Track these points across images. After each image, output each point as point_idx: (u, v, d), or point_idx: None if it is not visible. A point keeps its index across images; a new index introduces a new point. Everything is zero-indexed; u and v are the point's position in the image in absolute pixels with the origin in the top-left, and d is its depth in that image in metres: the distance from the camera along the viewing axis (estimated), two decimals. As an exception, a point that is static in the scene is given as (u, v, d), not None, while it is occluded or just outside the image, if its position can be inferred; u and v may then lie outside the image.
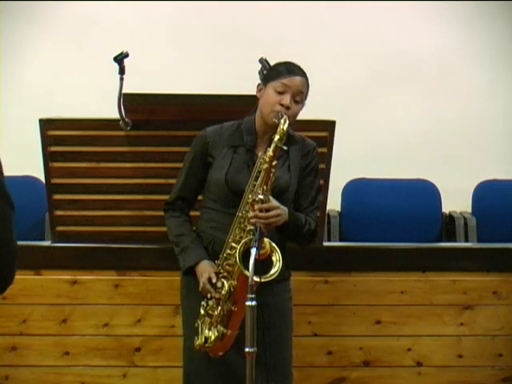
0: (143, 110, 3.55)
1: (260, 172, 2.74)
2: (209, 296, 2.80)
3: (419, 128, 5.07)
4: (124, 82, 3.45)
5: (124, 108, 3.49)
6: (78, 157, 3.63)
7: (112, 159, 3.63)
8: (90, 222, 3.67)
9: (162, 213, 3.05)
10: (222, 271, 2.79)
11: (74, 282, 3.63)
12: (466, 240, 4.60)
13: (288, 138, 2.92)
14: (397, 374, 3.67)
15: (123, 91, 3.44)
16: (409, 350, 3.67)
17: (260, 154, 2.78)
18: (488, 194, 4.76)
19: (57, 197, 3.66)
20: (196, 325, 2.82)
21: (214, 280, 2.78)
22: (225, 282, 2.76)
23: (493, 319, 3.66)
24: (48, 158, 3.62)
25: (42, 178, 3.74)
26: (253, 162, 2.84)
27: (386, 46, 5.08)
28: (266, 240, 2.71)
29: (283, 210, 2.80)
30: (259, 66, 3.11)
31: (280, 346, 2.93)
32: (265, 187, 2.73)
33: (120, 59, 3.43)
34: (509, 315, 3.66)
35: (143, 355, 3.64)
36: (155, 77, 4.76)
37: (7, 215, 1.93)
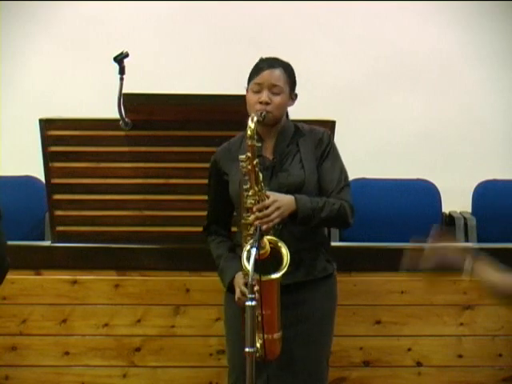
0: (143, 110, 3.55)
1: (245, 175, 2.74)
2: None
3: (419, 128, 5.07)
4: (124, 81, 3.46)
5: (124, 108, 3.49)
6: (78, 157, 3.63)
7: (112, 159, 3.63)
8: (89, 222, 3.67)
9: (162, 213, 3.08)
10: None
11: (74, 282, 3.63)
12: (466, 240, 4.59)
13: (297, 132, 2.96)
14: (397, 374, 3.67)
15: (123, 91, 3.45)
16: (409, 349, 3.67)
17: (239, 157, 2.76)
18: (488, 194, 4.75)
19: (57, 197, 3.66)
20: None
21: (242, 289, 2.79)
22: None
23: (493, 319, 3.66)
24: (48, 158, 3.62)
25: (42, 178, 3.74)
26: (264, 166, 2.84)
27: (386, 45, 5.07)
28: (266, 240, 2.71)
29: (285, 200, 2.77)
30: (252, 67, 3.11)
31: (316, 346, 2.93)
32: (256, 188, 2.73)
33: (120, 59, 3.44)
34: (509, 315, 3.66)
35: (143, 355, 3.64)
36: (155, 77, 4.77)
37: None
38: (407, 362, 3.67)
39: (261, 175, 2.74)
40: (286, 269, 2.69)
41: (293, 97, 2.95)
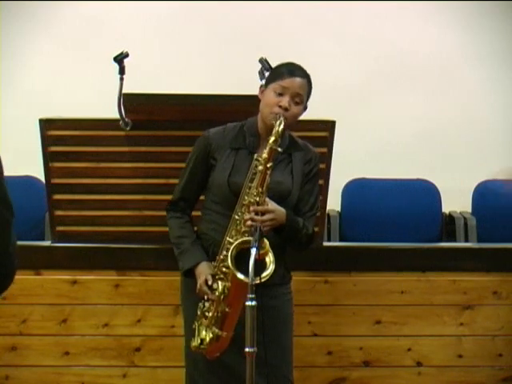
0: (143, 110, 3.55)
1: (255, 174, 2.75)
2: (206, 298, 2.80)
3: (419, 128, 5.07)
4: (124, 81, 3.45)
5: (124, 108, 3.49)
6: (78, 157, 3.63)
7: (112, 159, 3.63)
8: (89, 222, 3.67)
9: (162, 213, 3.05)
10: (218, 273, 2.80)
11: (74, 282, 3.63)
12: (466, 240, 4.59)
13: (292, 144, 2.96)
14: (397, 374, 3.67)
15: (123, 91, 3.45)
16: (409, 349, 3.67)
17: (255, 155, 2.78)
18: (488, 194, 4.76)
19: (57, 197, 3.66)
20: (193, 326, 2.83)
21: (209, 282, 2.79)
22: (219, 284, 2.76)
23: (493, 319, 3.66)
24: (48, 158, 3.62)
25: (42, 178, 3.74)
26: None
27: (386, 45, 5.08)
28: (266, 240, 2.71)
29: (279, 213, 2.79)
30: (259, 66, 3.11)
31: (279, 350, 2.93)
32: (260, 189, 2.73)
33: (120, 59, 3.44)
34: (509, 315, 3.66)
35: (143, 355, 3.64)
36: (155, 77, 4.77)
37: (6, 220, 1.91)
38: (407, 362, 3.67)
39: (268, 179, 2.74)
40: (267, 273, 2.67)
41: (304, 108, 2.94)
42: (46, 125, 3.60)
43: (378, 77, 5.08)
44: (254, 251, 2.53)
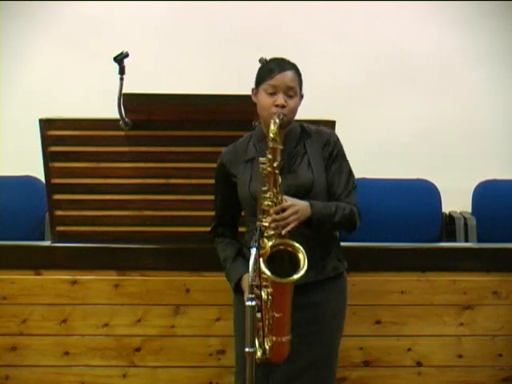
0: (143, 110, 3.55)
1: (265, 177, 2.73)
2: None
3: (419, 128, 5.06)
4: (124, 81, 3.46)
5: (124, 108, 3.49)
6: (78, 157, 3.63)
7: (112, 159, 3.63)
8: (89, 222, 3.67)
9: (162, 213, 3.08)
10: (261, 282, 2.78)
11: (74, 282, 3.63)
12: (466, 240, 4.59)
13: (304, 133, 2.96)
14: (397, 374, 3.67)
15: (123, 91, 3.45)
16: (409, 349, 3.67)
17: (260, 159, 2.76)
18: (488, 194, 4.75)
19: (57, 197, 3.66)
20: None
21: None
22: (262, 292, 2.74)
23: (493, 319, 3.67)
24: (48, 158, 3.62)
25: (42, 178, 3.74)
26: None
27: (386, 46, 5.07)
28: (266, 240, 2.70)
29: (300, 205, 2.76)
30: (259, 66, 3.11)
31: (326, 347, 2.94)
32: (274, 190, 2.72)
33: (120, 59, 3.44)
34: (509, 315, 3.66)
35: (143, 355, 3.64)
36: (155, 77, 4.77)
37: None
38: (407, 362, 3.67)
39: (280, 178, 2.73)
40: (301, 273, 2.66)
41: (300, 97, 2.95)
42: (46, 125, 3.60)
43: (378, 77, 5.08)
44: (253, 251, 2.53)
